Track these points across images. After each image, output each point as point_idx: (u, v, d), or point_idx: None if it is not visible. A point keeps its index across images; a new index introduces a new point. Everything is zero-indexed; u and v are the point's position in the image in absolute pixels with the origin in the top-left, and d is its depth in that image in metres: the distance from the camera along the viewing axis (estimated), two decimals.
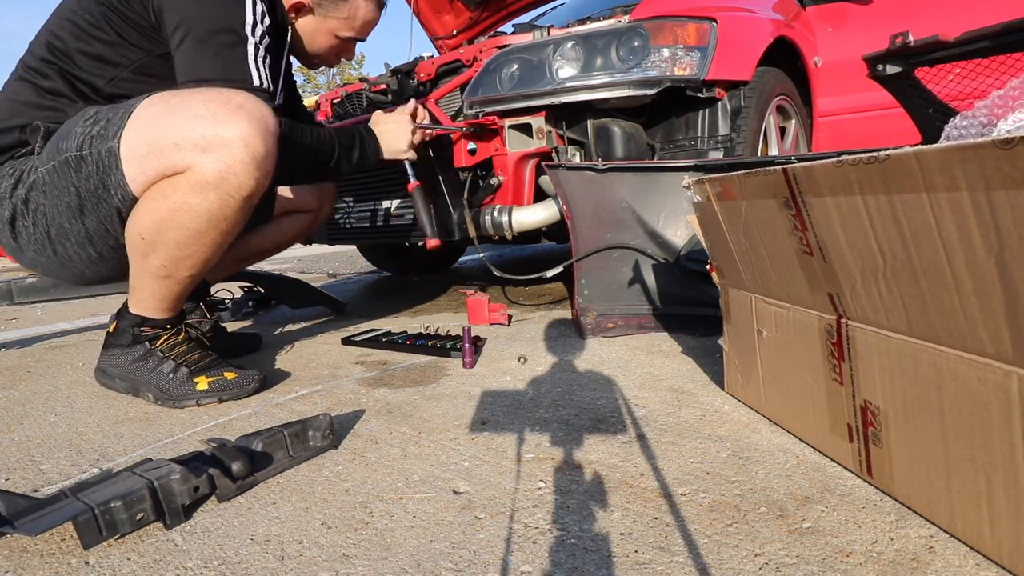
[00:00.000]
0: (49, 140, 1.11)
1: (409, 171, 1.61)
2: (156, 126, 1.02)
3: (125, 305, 1.22)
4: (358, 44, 1.50)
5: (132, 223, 1.09)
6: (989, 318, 0.50)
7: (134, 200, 1.07)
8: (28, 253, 1.20)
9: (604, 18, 1.85)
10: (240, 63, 1.12)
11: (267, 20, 1.17)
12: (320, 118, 2.32)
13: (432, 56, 2.11)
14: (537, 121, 1.72)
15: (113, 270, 1.23)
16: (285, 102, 1.51)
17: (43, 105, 1.15)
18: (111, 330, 1.23)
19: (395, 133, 1.52)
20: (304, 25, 1.36)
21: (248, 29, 1.13)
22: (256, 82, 1.15)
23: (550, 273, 1.73)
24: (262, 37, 1.17)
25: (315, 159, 1.33)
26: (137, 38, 1.16)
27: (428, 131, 1.64)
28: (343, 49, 1.44)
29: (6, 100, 1.17)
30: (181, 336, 1.24)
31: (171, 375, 1.17)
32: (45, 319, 2.45)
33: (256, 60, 1.15)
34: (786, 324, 0.83)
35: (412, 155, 1.56)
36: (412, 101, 1.61)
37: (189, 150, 1.01)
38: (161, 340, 1.21)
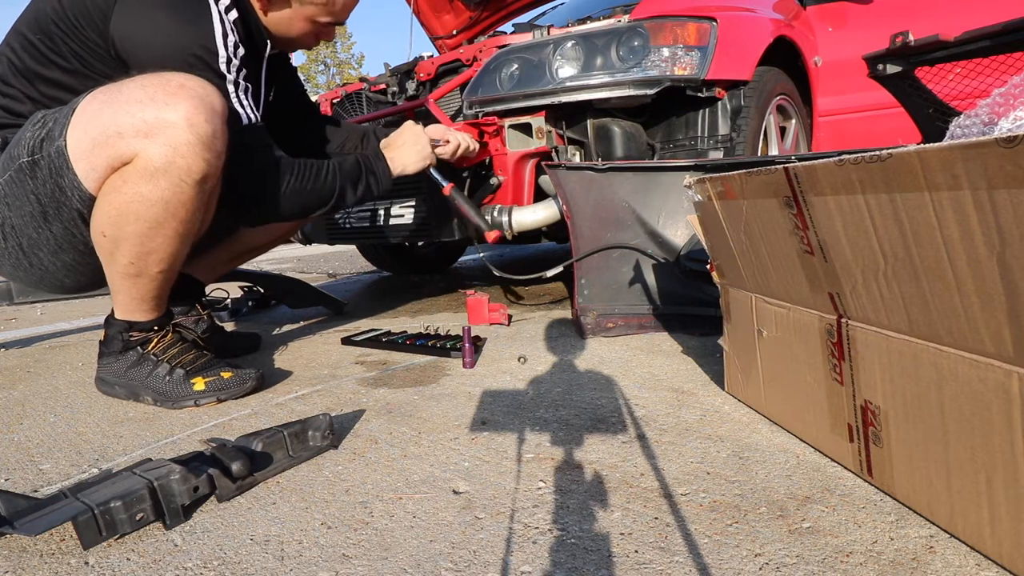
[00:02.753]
0: (3, 151, 1.08)
1: (437, 177, 1.57)
2: (98, 118, 0.99)
3: (112, 313, 1.21)
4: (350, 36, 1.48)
5: (93, 222, 1.06)
6: (990, 317, 0.50)
7: (92, 198, 1.04)
8: (6, 268, 1.19)
9: (604, 18, 1.85)
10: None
11: (240, 51, 1.15)
12: None
13: (432, 56, 2.11)
14: (537, 121, 1.72)
15: (91, 276, 1.20)
16: (291, 113, 1.54)
17: (3, 123, 1.13)
18: (102, 339, 1.23)
19: (410, 149, 1.46)
20: (279, 17, 1.30)
21: (223, 67, 1.11)
22: (244, 120, 1.15)
23: (550, 273, 1.73)
24: (239, 71, 1.15)
25: (315, 197, 1.28)
26: (100, 68, 1.10)
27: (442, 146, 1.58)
28: (322, 33, 1.37)
29: None
30: (169, 337, 1.22)
31: (167, 378, 1.16)
32: (45, 319, 2.45)
33: (238, 96, 1.15)
34: (786, 324, 0.83)
35: (432, 159, 1.51)
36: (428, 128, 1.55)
37: (132, 137, 0.97)
38: (152, 344, 1.19)
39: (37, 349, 1.84)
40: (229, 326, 2.03)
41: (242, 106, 1.15)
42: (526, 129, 1.76)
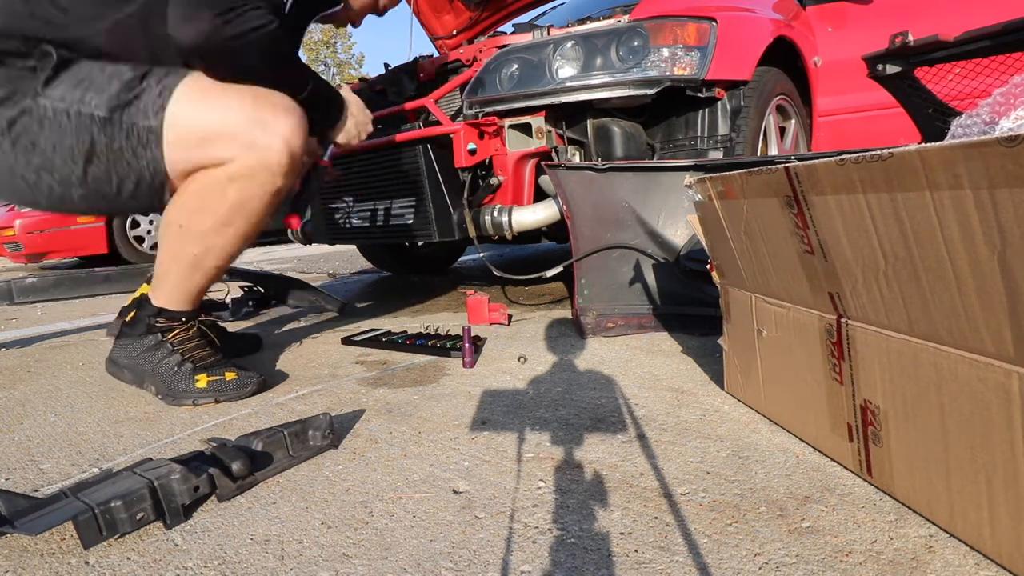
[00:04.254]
0: (63, 73, 1.04)
1: (328, 151, 1.55)
2: (203, 116, 1.06)
3: (146, 296, 1.23)
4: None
5: (169, 213, 1.12)
6: (990, 317, 0.50)
7: (164, 176, 1.09)
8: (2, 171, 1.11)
9: (604, 18, 1.85)
10: None
11: None
12: None
13: (432, 56, 2.11)
14: (537, 121, 1.72)
15: (77, 208, 1.17)
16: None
17: (43, 17, 1.03)
18: (128, 319, 1.24)
19: (359, 118, 1.45)
20: None
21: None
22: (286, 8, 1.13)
23: (550, 273, 1.73)
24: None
25: (293, 72, 1.22)
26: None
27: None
28: (381, 7, 1.55)
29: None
30: (192, 331, 1.25)
31: (175, 369, 1.18)
32: (45, 319, 2.45)
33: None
34: (786, 324, 0.83)
35: (364, 136, 1.48)
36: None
37: (236, 145, 1.07)
38: (174, 333, 1.22)
39: (37, 349, 1.84)
40: (229, 326, 2.03)
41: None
42: (526, 129, 1.76)
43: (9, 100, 1.04)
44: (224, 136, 1.06)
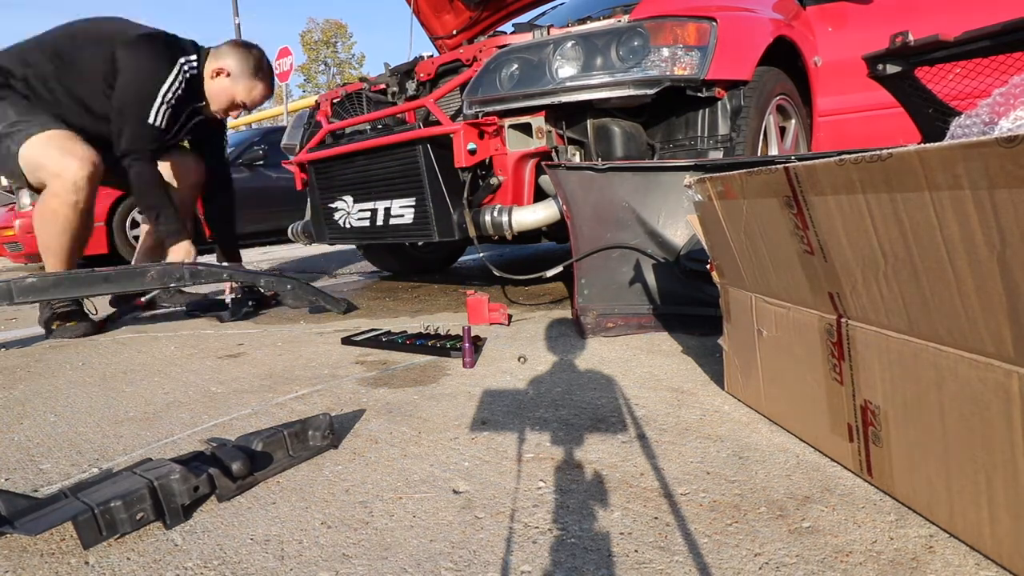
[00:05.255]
0: None
1: None
2: (38, 154, 1.92)
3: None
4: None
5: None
6: (990, 317, 0.50)
7: (23, 180, 1.99)
8: None
9: (604, 18, 1.85)
10: (147, 103, 1.98)
11: (176, 96, 2.03)
12: (319, 117, 2.32)
13: (432, 56, 2.11)
14: (537, 121, 1.72)
15: None
16: (204, 148, 2.41)
17: (27, 62, 1.97)
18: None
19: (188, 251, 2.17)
20: (216, 84, 2.13)
21: (153, 111, 1.99)
22: (151, 120, 1.99)
23: (550, 273, 1.73)
24: (168, 106, 2.01)
25: (138, 193, 2.12)
26: (104, 89, 1.99)
27: None
28: (232, 108, 2.19)
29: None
30: None
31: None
32: None
33: (158, 110, 1.99)
34: (786, 324, 0.83)
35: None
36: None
37: (47, 173, 1.91)
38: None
39: (37, 349, 1.84)
40: (230, 326, 2.03)
41: (156, 114, 1.98)
42: (526, 129, 1.76)
43: None
44: (45, 167, 1.90)
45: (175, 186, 2.34)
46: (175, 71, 1.99)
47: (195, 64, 2.07)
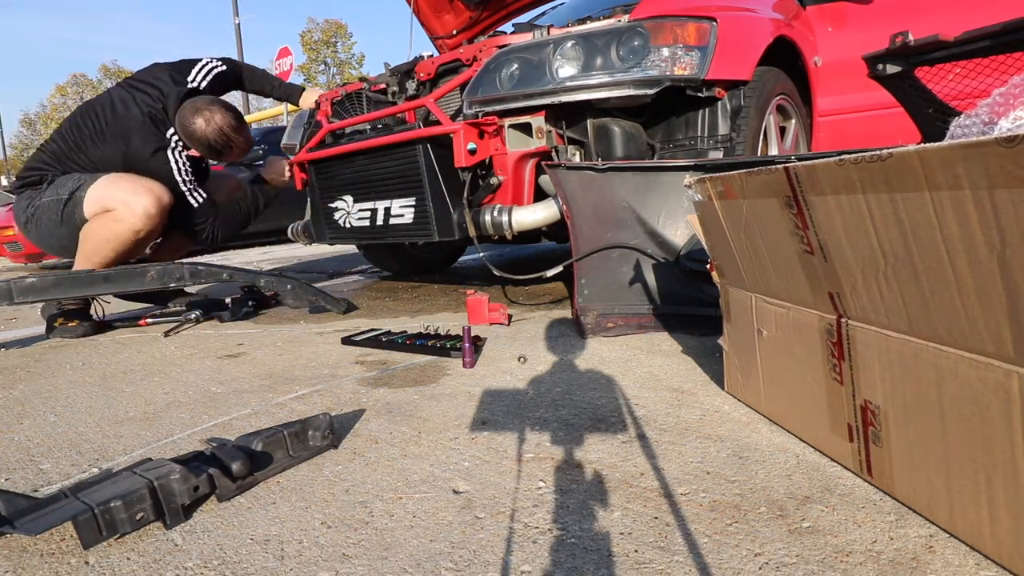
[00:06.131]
0: (49, 187, 2.06)
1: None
2: (104, 193, 1.99)
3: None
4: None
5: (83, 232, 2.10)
6: (990, 317, 0.50)
7: (84, 220, 2.02)
8: (32, 236, 2.14)
9: (604, 18, 1.85)
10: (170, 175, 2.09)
11: (189, 168, 2.12)
12: (319, 117, 2.32)
13: (432, 56, 2.11)
14: (537, 121, 1.72)
15: (61, 252, 2.20)
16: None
17: (51, 165, 2.09)
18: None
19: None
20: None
21: (180, 183, 2.11)
22: (194, 203, 2.14)
23: (550, 273, 1.73)
24: (190, 178, 2.13)
25: (235, 225, 2.38)
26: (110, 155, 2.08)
27: None
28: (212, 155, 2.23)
29: (38, 158, 2.11)
30: None
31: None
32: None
33: (190, 191, 2.13)
34: (786, 324, 0.83)
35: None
36: None
37: (117, 202, 1.97)
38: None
39: (37, 349, 1.84)
40: (231, 326, 2.03)
41: (192, 195, 2.13)
42: (526, 129, 1.76)
43: (30, 204, 2.07)
44: (113, 197, 1.97)
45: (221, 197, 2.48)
46: (172, 160, 2.06)
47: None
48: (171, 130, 2.07)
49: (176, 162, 2.07)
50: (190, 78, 2.17)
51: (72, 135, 2.07)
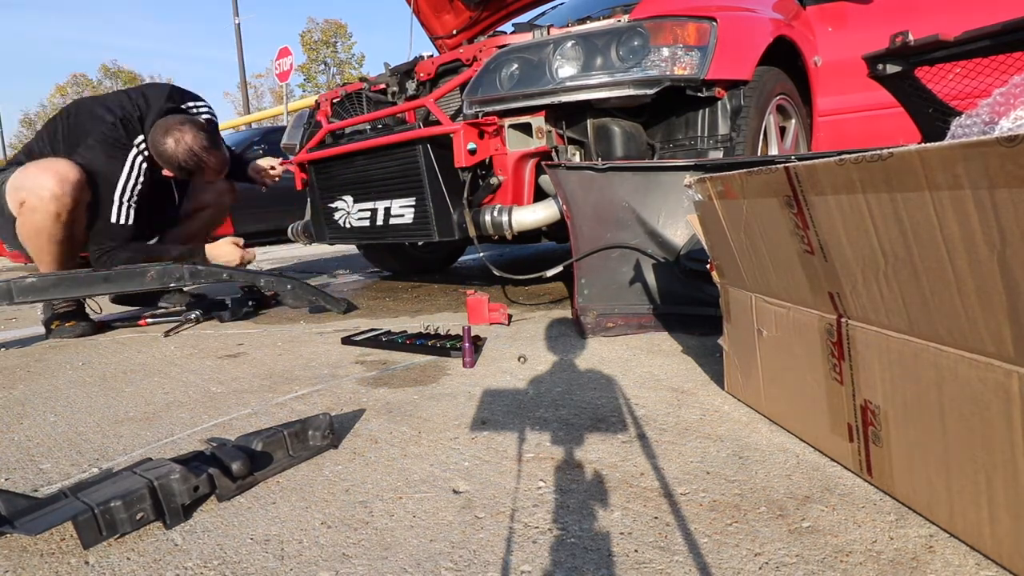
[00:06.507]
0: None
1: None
2: (17, 180, 1.92)
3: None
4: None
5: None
6: (990, 317, 0.50)
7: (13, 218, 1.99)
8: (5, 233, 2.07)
9: (604, 18, 1.85)
10: (108, 205, 2.00)
11: (139, 187, 2.05)
12: (319, 117, 2.32)
13: (432, 56, 2.11)
14: (537, 121, 1.72)
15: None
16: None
17: (22, 162, 2.00)
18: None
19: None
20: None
21: (118, 192, 2.01)
22: (113, 219, 2.01)
23: (550, 273, 1.73)
24: (131, 195, 2.04)
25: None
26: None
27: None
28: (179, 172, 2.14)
29: (16, 154, 2.10)
30: None
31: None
32: None
33: (120, 205, 2.01)
34: (786, 323, 0.83)
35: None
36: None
37: (26, 192, 1.87)
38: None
39: (37, 349, 1.84)
40: (231, 326, 2.03)
41: (119, 211, 2.01)
42: (526, 129, 1.76)
43: None
44: (23, 186, 1.87)
45: (209, 208, 2.47)
46: (128, 163, 2.00)
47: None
48: (140, 137, 2.03)
49: (130, 168, 2.01)
50: (186, 105, 2.16)
51: (47, 130, 2.07)
